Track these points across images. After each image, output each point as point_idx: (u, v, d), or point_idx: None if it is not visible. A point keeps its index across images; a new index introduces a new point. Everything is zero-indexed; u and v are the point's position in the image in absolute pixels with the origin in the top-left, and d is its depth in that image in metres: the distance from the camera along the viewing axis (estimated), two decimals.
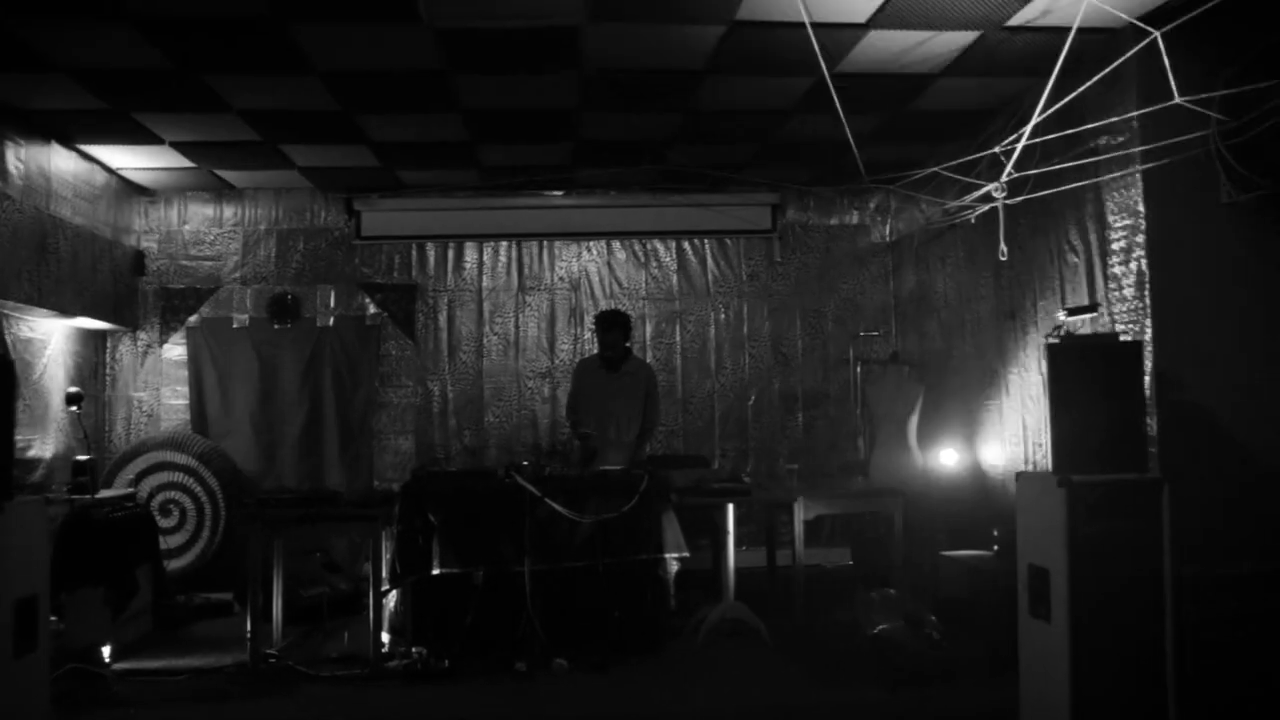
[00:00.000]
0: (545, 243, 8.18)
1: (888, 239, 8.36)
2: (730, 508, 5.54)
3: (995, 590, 5.00)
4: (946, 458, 6.76)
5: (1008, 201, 5.55)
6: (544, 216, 8.11)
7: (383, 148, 6.90)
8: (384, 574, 5.26)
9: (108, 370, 7.93)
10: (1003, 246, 5.44)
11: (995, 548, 5.40)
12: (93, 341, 7.70)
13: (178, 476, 7.49)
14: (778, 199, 8.22)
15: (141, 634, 6.02)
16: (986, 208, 5.86)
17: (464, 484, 5.41)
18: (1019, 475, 4.48)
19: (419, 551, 5.22)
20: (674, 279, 8.23)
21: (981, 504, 6.26)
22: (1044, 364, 5.51)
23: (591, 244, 8.21)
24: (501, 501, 5.29)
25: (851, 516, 6.87)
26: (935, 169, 6.57)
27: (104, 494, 6.80)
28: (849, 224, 8.38)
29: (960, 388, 6.94)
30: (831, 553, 7.76)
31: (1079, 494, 4.07)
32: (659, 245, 8.23)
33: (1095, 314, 4.92)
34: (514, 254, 8.16)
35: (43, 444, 6.84)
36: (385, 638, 5.30)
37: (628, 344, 6.45)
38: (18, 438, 6.52)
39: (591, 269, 8.20)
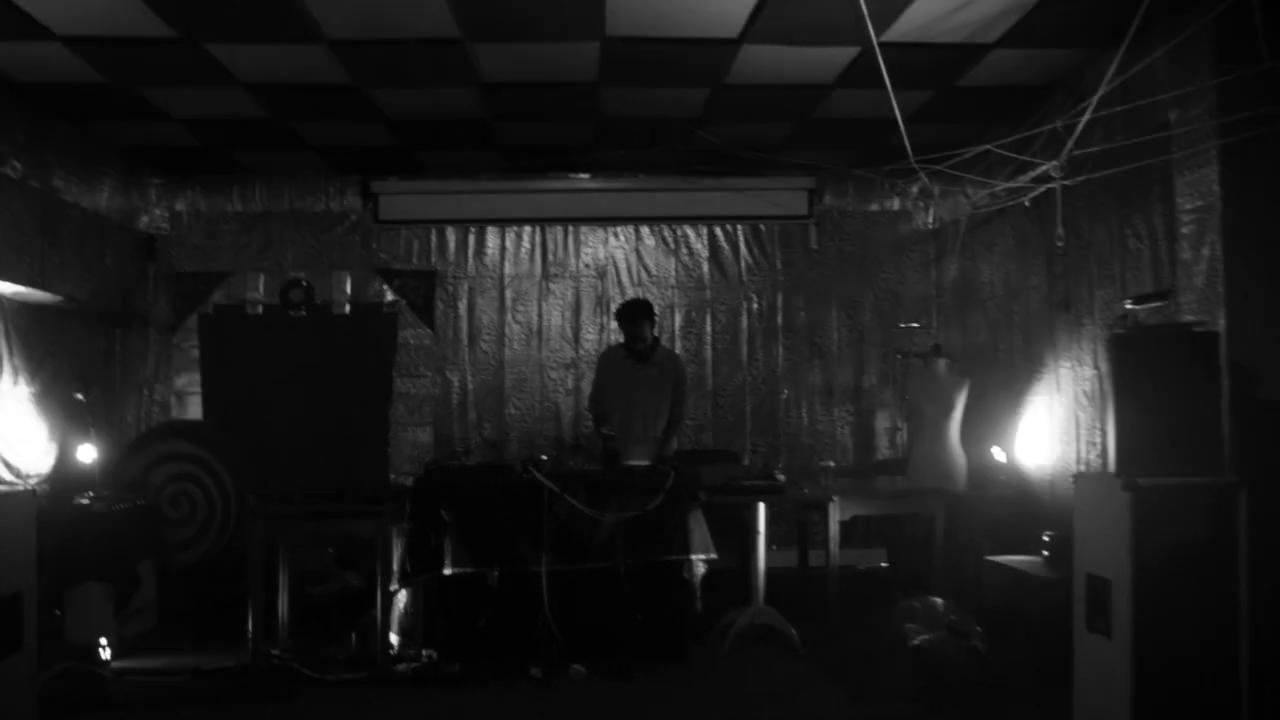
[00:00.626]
0: (570, 228, 7.86)
1: (930, 226, 7.96)
2: (761, 507, 5.20)
3: (1046, 600, 4.62)
4: (991, 457, 6.38)
5: (1065, 183, 5.17)
6: (569, 200, 7.78)
7: (398, 125, 6.60)
8: (394, 573, 4.96)
9: (118, 358, 7.68)
10: (1059, 231, 5.06)
11: (1045, 553, 5.02)
12: (102, 328, 7.46)
13: (188, 468, 7.19)
14: (814, 183, 7.82)
15: (145, 630, 5.79)
16: (1040, 189, 5.46)
17: (479, 479, 5.10)
18: (1077, 477, 4.12)
19: (430, 550, 4.93)
20: (705, 266, 7.88)
21: (1028, 506, 5.87)
22: (1105, 357, 5.13)
23: (619, 229, 7.88)
24: (518, 498, 4.98)
25: (888, 517, 6.49)
26: (987, 147, 6.18)
27: (112, 485, 6.60)
28: (889, 210, 7.98)
29: (1007, 383, 6.54)
30: (866, 554, 7.37)
31: (1146, 498, 3.70)
32: (689, 231, 7.88)
33: (1165, 303, 4.52)
34: (537, 239, 7.85)
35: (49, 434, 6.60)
36: (394, 639, 5.03)
37: (655, 334, 6.12)
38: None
39: (619, 255, 7.87)
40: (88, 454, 6.32)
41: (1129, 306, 4.63)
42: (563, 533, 4.95)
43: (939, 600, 4.76)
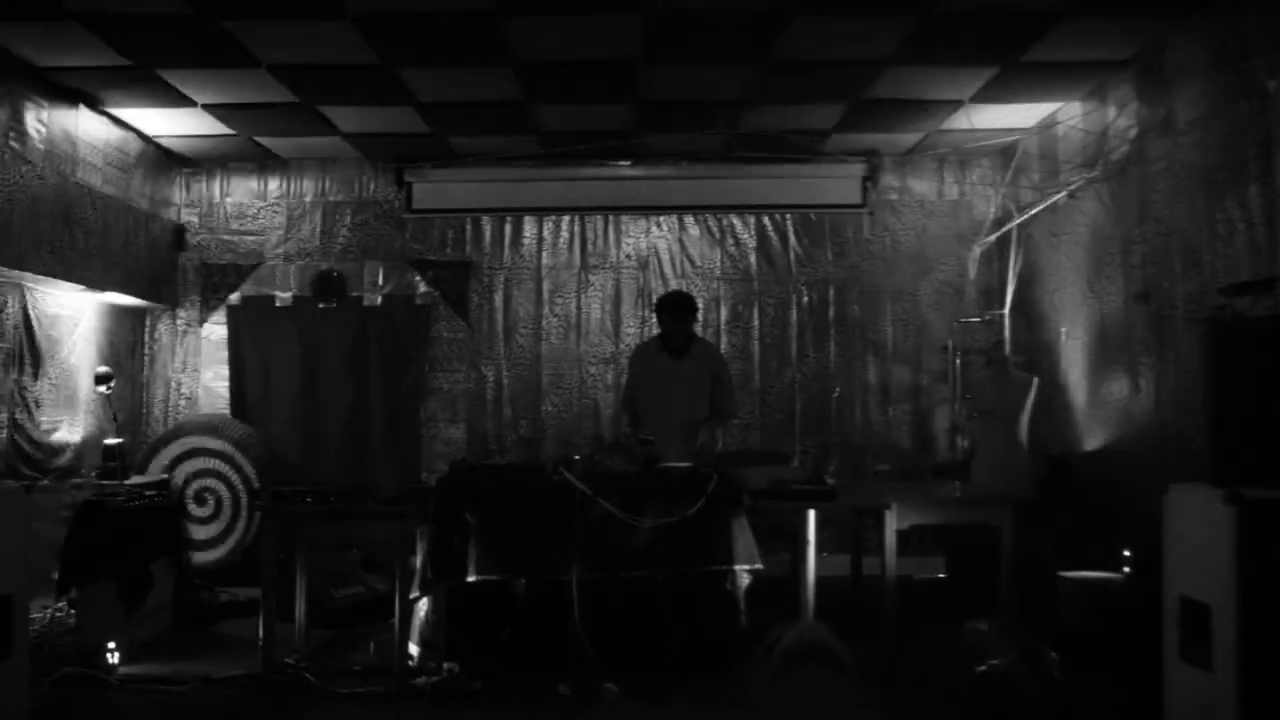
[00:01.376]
0: (610, 217, 7.51)
1: (992, 214, 7.47)
2: (811, 514, 4.78)
3: (1129, 622, 4.17)
4: (1061, 461, 5.90)
5: (1143, 164, 4.70)
6: (609, 188, 7.45)
7: (431, 110, 6.29)
8: (414, 579, 4.63)
9: (145, 350, 7.50)
10: (1139, 215, 4.59)
11: (1126, 570, 4.55)
12: (129, 320, 7.26)
13: (214, 463, 7.02)
14: (868, 170, 7.41)
15: (158, 632, 5.53)
16: (1115, 173, 4.99)
17: (506, 480, 4.76)
18: (1172, 487, 3.65)
19: (454, 555, 4.59)
20: (752, 258, 7.48)
21: (1104, 517, 5.39)
22: (1200, 353, 4.63)
23: (661, 218, 7.51)
24: (548, 501, 4.62)
25: (947, 524, 6.03)
26: (1058, 124, 5.73)
27: (136, 480, 6.40)
28: (948, 197, 7.52)
29: (1078, 382, 6.06)
30: (922, 563, 6.90)
31: (1253, 513, 3.24)
32: (736, 220, 7.49)
33: (1266, 293, 4.03)
34: (576, 229, 7.50)
35: (71, 426, 6.40)
36: (414, 650, 4.69)
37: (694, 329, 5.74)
38: (42, 419, 6.11)
39: (661, 245, 7.50)
40: (111, 447, 6.09)
41: (1224, 297, 4.14)
42: (595, 539, 4.58)
43: (1008, 620, 4.31)
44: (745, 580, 4.71)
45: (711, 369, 5.68)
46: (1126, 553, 4.52)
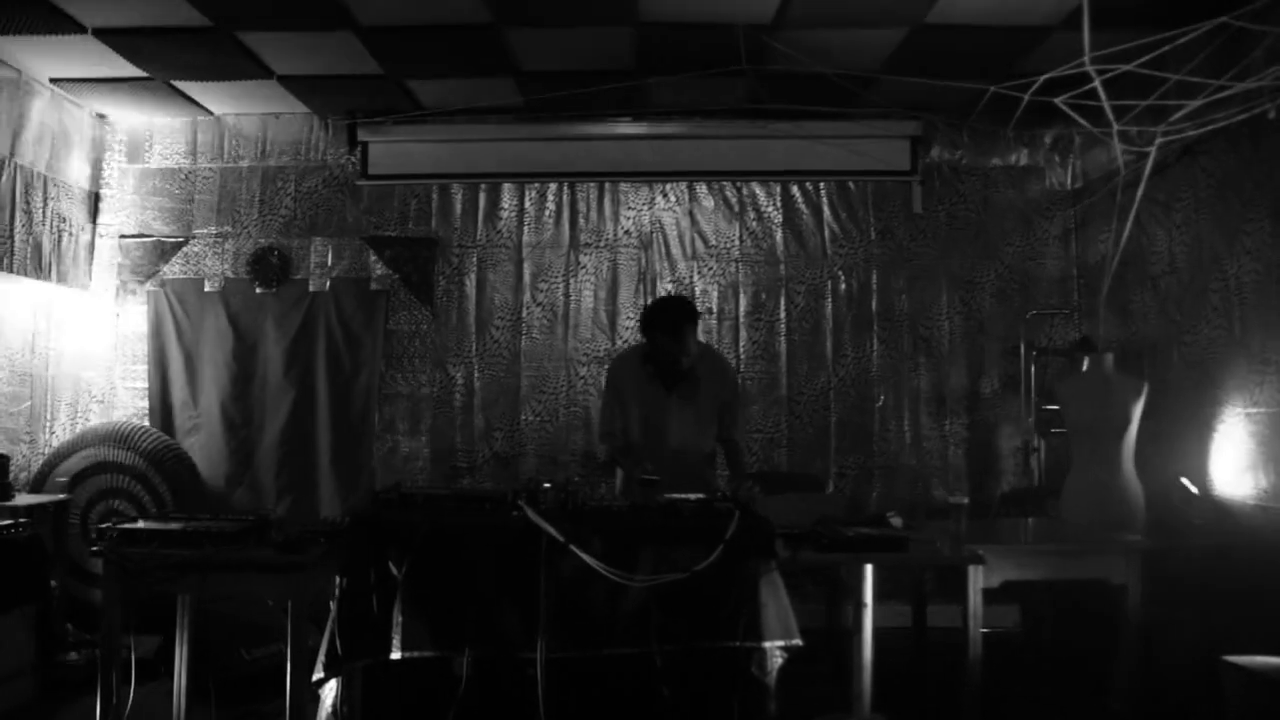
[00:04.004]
0: (606, 185, 6.22)
1: (1070, 185, 6.16)
2: (870, 571, 3.46)
3: None
4: (1180, 491, 4.57)
5: None
6: (605, 150, 6.16)
7: (378, 37, 5.00)
8: (319, 655, 3.33)
9: (49, 343, 6.22)
10: None
11: None
12: (29, 306, 5.98)
13: (121, 481, 5.77)
14: (919, 130, 6.12)
15: (17, 705, 4.26)
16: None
17: (448, 516, 3.43)
18: None
19: (372, 622, 3.29)
20: (778, 235, 6.16)
21: (1250, 566, 4.05)
22: None
23: (668, 186, 6.21)
24: (505, 548, 3.32)
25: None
26: (1173, 78, 4.40)
27: (25, 500, 5.18)
28: (1016, 165, 6.21)
29: (1200, 388, 4.73)
30: (988, 611, 5.58)
31: None
32: (758, 190, 6.18)
33: None
34: (565, 199, 6.21)
35: None
36: None
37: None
38: None
39: (667, 220, 6.19)
40: None
41: None
42: (569, 602, 3.28)
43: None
44: (778, 661, 3.39)
45: (720, 395, 4.32)
46: None
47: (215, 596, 3.87)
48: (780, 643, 3.34)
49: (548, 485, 3.49)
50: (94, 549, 3.23)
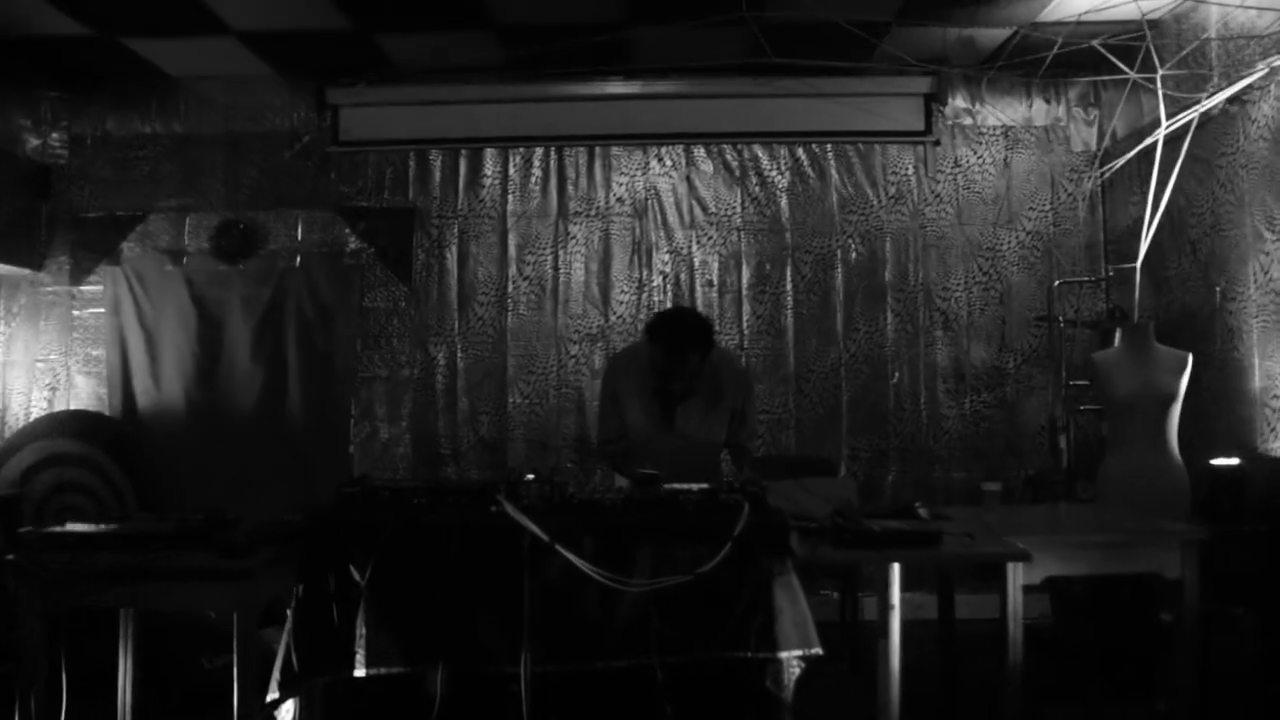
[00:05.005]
0: (597, 149, 5.79)
1: (1096, 145, 5.73)
2: (897, 570, 3.04)
3: None
4: (1229, 477, 4.15)
5: None
6: (595, 111, 5.74)
7: None
8: (273, 672, 2.92)
9: (1, 326, 5.81)
10: None
11: None
12: None
13: (76, 474, 5.35)
14: (934, 86, 5.70)
15: None
16: None
17: (416, 514, 3.01)
18: None
19: (333, 634, 2.88)
20: (783, 201, 5.74)
21: None
22: None
23: (664, 150, 5.79)
24: (483, 548, 2.91)
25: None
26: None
27: None
28: (1037, 123, 5.78)
29: (1246, 360, 4.32)
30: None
31: None
32: (761, 153, 5.76)
33: None
34: (552, 165, 5.79)
35: None
36: None
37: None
38: None
39: (663, 186, 5.77)
40: None
41: None
42: (556, 609, 2.87)
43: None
44: (795, 672, 2.97)
45: (731, 403, 3.84)
46: None
47: (150, 610, 3.45)
48: (798, 652, 2.92)
49: (531, 476, 3.06)
50: None
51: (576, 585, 2.85)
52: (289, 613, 2.95)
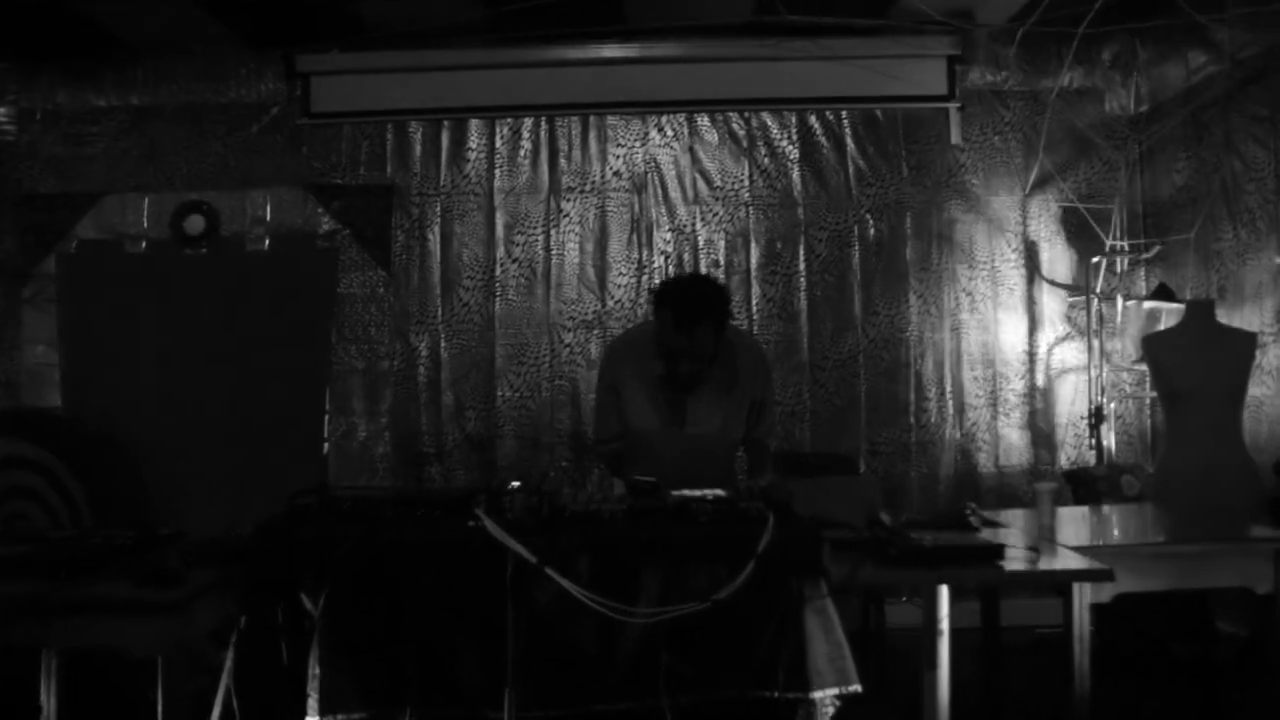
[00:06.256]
0: (592, 118, 5.37)
1: (1133, 108, 5.29)
2: (945, 592, 2.59)
3: None
4: None
5: None
6: (590, 77, 5.28)
7: None
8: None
9: None
10: None
11: None
12: None
13: (25, 478, 4.91)
14: (957, 46, 5.24)
15: None
16: None
17: (380, 530, 2.55)
18: None
19: (280, 676, 2.44)
20: (795, 173, 5.31)
21: None
22: None
23: (664, 119, 5.36)
24: (459, 571, 2.47)
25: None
26: None
27: None
28: (1068, 87, 5.33)
29: None
30: (1043, 606, 4.74)
31: None
32: (770, 121, 5.34)
33: None
34: (542, 136, 5.37)
35: None
36: None
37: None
38: None
39: (664, 158, 5.35)
40: None
41: None
42: (546, 643, 2.42)
43: None
44: (830, 712, 2.52)
45: (750, 393, 3.34)
46: None
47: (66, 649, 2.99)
48: (834, 691, 2.47)
49: (516, 484, 2.59)
50: None
51: (570, 615, 2.40)
52: (230, 649, 2.51)
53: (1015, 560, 2.54)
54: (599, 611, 2.36)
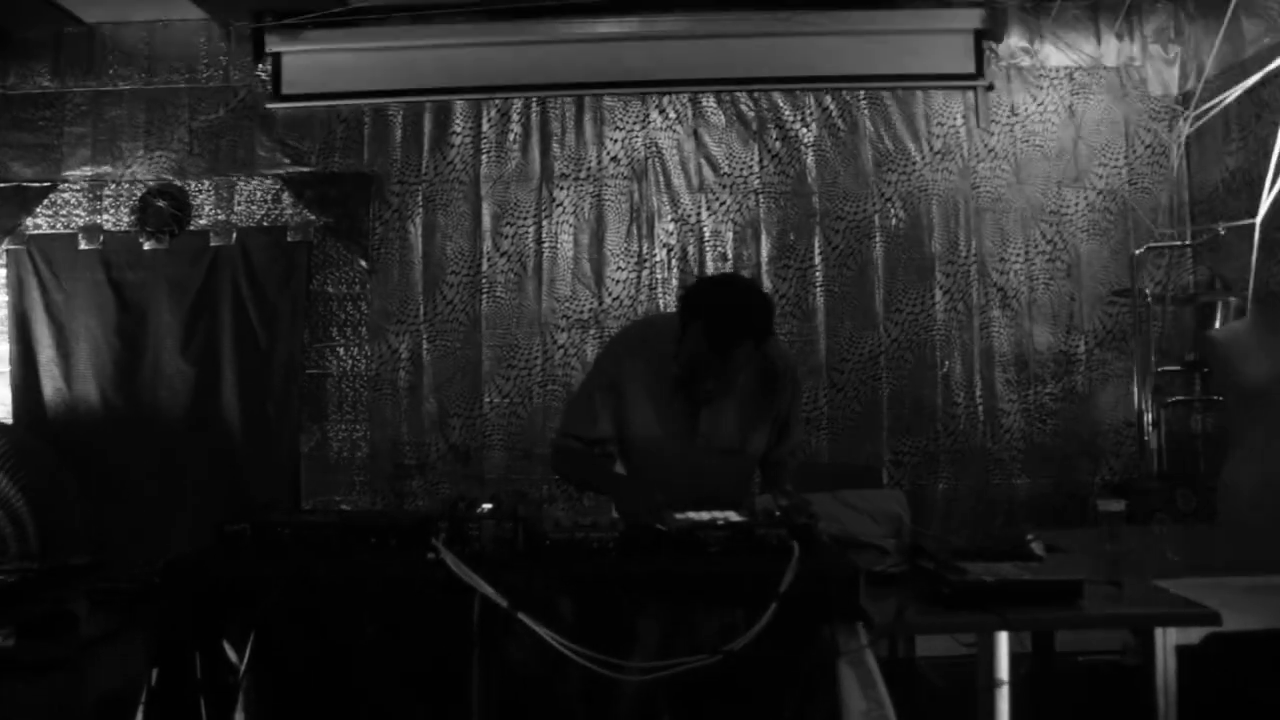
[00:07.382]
0: (587, 100, 5.03)
1: (1178, 88, 4.88)
2: (1004, 641, 2.15)
3: None
4: None
5: None
6: (584, 55, 4.97)
7: None
8: None
9: None
10: None
11: None
12: None
13: None
14: (985, 21, 4.90)
15: None
16: None
17: (318, 565, 2.12)
18: None
19: None
20: (808, 159, 4.95)
21: None
22: None
23: (666, 100, 5.02)
24: (415, 616, 2.04)
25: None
26: None
27: None
28: (1108, 63, 4.97)
29: None
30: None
31: None
32: (782, 102, 4.99)
33: None
34: (533, 119, 5.02)
35: None
36: None
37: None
38: None
39: (666, 142, 5.00)
40: None
41: None
42: (522, 704, 2.00)
43: None
44: None
45: (777, 404, 2.85)
46: None
47: None
48: None
49: (487, 507, 2.16)
50: None
51: (551, 670, 1.97)
52: (139, 710, 2.09)
53: (1095, 599, 2.09)
54: (585, 666, 1.92)
